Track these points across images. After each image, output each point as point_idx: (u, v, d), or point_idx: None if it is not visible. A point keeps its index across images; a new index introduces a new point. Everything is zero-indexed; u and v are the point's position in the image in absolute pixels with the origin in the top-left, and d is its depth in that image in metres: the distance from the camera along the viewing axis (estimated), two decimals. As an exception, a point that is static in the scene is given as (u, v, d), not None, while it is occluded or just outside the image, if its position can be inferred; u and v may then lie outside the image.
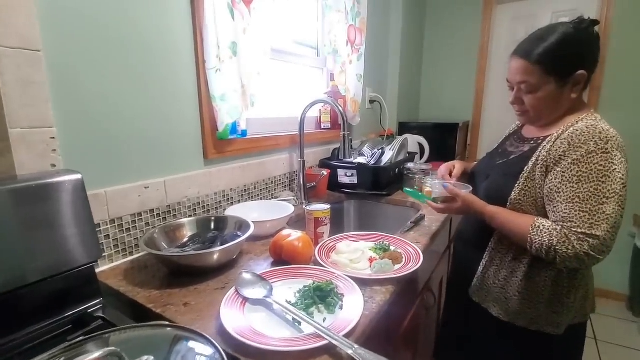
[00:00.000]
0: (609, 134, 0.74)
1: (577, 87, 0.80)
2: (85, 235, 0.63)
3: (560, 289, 0.83)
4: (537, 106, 0.83)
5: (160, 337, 0.45)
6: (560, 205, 0.75)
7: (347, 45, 1.55)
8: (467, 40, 2.57)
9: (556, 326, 0.84)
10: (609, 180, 0.72)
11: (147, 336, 0.45)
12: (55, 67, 0.71)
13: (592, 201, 0.72)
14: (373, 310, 0.66)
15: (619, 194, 0.72)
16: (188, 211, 1.03)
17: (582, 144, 0.74)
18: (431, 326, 1.40)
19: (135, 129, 0.88)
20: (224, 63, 0.99)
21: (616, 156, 0.73)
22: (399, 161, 1.61)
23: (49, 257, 0.59)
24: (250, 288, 0.68)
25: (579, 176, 0.74)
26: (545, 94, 0.81)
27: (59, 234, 0.60)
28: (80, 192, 0.63)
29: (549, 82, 0.79)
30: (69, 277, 0.61)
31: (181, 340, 0.43)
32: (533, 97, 0.82)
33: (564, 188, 0.75)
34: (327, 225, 0.96)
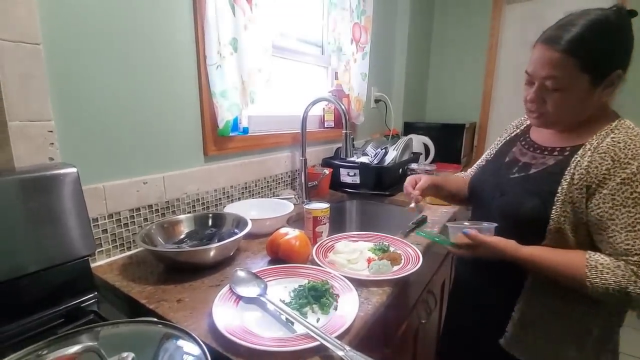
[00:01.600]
0: None
1: (610, 89, 0.67)
2: (79, 229, 0.63)
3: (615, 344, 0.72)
4: (562, 108, 0.69)
5: (147, 333, 0.44)
6: (618, 235, 0.63)
7: (352, 43, 1.54)
8: (475, 40, 2.54)
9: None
10: None
11: (134, 332, 0.45)
12: (54, 60, 0.71)
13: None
14: (368, 312, 0.64)
15: None
16: (187, 207, 1.03)
17: (631, 159, 0.62)
18: (433, 329, 1.38)
19: (134, 124, 0.87)
20: (224, 59, 0.98)
21: None
22: (402, 161, 1.60)
23: (43, 249, 0.59)
24: (244, 286, 0.67)
25: (634, 198, 0.62)
26: (574, 94, 0.67)
27: (52, 226, 0.60)
28: (75, 186, 0.63)
29: (581, 79, 0.65)
30: (63, 270, 0.61)
31: (168, 338, 0.42)
32: (560, 96, 0.68)
33: (619, 214, 0.63)
34: (325, 225, 0.95)
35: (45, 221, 0.60)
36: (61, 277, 0.62)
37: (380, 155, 1.52)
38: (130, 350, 0.39)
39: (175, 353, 0.40)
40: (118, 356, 0.34)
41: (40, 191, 0.60)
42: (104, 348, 0.34)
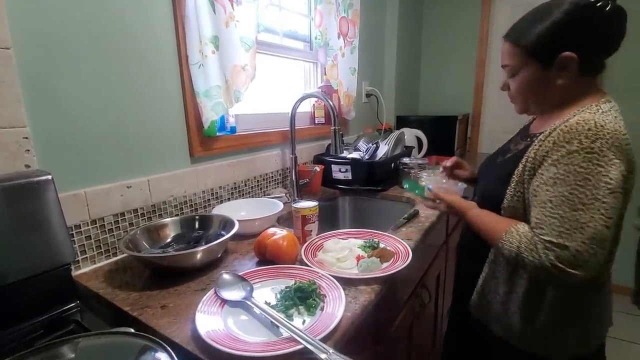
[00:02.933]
0: (603, 131, 0.62)
1: (565, 73, 0.69)
2: (57, 237, 0.62)
3: (565, 313, 0.73)
4: (519, 91, 0.76)
5: (125, 346, 0.43)
6: (535, 209, 0.67)
7: (339, 37, 1.52)
8: (466, 31, 2.52)
9: (560, 352, 0.75)
10: (589, 184, 0.61)
11: (112, 344, 0.44)
12: (27, 65, 0.69)
13: (564, 207, 0.63)
14: (356, 312, 0.63)
15: (601, 201, 0.60)
16: (175, 210, 1.01)
17: (566, 142, 0.64)
18: (429, 322, 1.38)
19: (115, 127, 0.85)
20: (206, 58, 0.96)
21: (605, 157, 0.61)
22: (394, 156, 1.58)
23: (19, 259, 0.57)
24: (229, 289, 0.66)
25: (556, 178, 0.64)
26: (524, 77, 0.73)
27: (28, 235, 0.58)
28: (50, 193, 0.62)
29: (530, 65, 0.72)
30: (41, 280, 0.60)
31: (146, 351, 0.41)
32: (513, 80, 0.76)
33: (540, 191, 0.67)
34: (315, 223, 0.94)
35: (21, 230, 0.58)
36: (40, 287, 0.60)
37: (372, 150, 1.51)
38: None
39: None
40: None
41: (13, 200, 0.58)
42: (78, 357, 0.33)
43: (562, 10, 0.67)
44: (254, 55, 1.08)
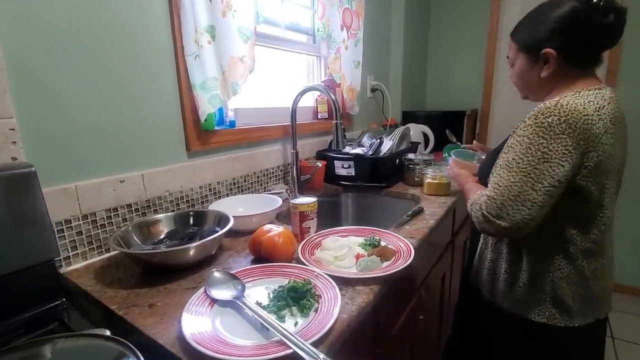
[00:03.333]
0: (560, 109, 0.69)
1: (548, 65, 0.78)
2: (40, 232, 0.59)
3: (535, 277, 0.81)
4: (515, 80, 0.88)
5: (101, 350, 0.40)
6: (492, 173, 0.79)
7: (342, 29, 1.47)
8: (475, 24, 2.45)
9: (539, 314, 0.81)
10: (529, 152, 0.70)
11: (88, 347, 0.41)
12: (14, 54, 0.67)
13: (505, 169, 0.73)
14: (352, 314, 0.60)
15: (534, 167, 0.70)
16: (170, 206, 0.99)
17: (528, 118, 0.73)
18: (433, 324, 1.34)
19: (107, 120, 0.83)
20: (202, 48, 0.93)
21: (552, 131, 0.69)
22: (399, 151, 1.53)
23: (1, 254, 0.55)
24: (219, 288, 0.63)
25: (509, 146, 0.75)
26: (519, 69, 0.85)
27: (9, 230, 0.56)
28: (33, 187, 0.59)
29: (521, 58, 0.84)
30: (24, 276, 0.58)
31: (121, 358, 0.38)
32: (513, 71, 0.88)
33: (498, 160, 0.78)
34: (313, 220, 0.90)
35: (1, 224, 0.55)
36: (23, 284, 0.58)
37: (375, 145, 1.46)
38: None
39: None
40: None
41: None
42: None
43: (556, 13, 0.75)
44: (253, 46, 1.04)
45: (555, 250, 0.78)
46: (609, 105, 0.73)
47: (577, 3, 0.74)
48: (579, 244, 0.77)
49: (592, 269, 0.78)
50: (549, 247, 0.78)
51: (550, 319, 0.80)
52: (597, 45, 0.77)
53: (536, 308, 0.81)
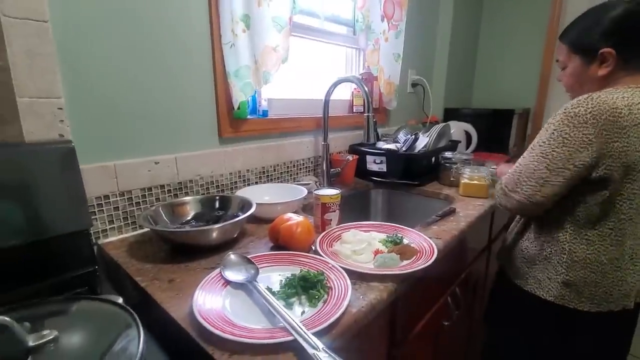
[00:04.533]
0: (590, 102, 0.74)
1: (606, 64, 0.81)
2: (76, 203, 0.64)
3: (553, 255, 0.86)
4: (566, 82, 0.90)
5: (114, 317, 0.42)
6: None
7: (383, 20, 1.43)
8: (533, 16, 2.25)
9: (549, 292, 0.86)
10: (552, 137, 0.78)
11: (101, 312, 0.43)
12: (64, 38, 0.73)
13: (527, 151, 0.84)
14: (362, 309, 0.58)
15: (552, 149, 0.77)
16: (201, 189, 1.02)
17: (560, 110, 0.79)
18: (461, 332, 1.27)
19: (145, 104, 0.88)
20: (237, 37, 0.95)
21: (576, 120, 0.74)
22: (435, 149, 1.46)
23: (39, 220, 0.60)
24: (234, 270, 0.64)
25: (539, 134, 0.82)
26: (571, 70, 0.87)
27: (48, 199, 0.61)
28: (71, 162, 0.64)
29: (575, 60, 0.86)
30: (59, 242, 0.63)
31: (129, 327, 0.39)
32: (563, 74, 0.90)
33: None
34: (335, 212, 0.89)
35: (43, 193, 0.61)
36: (59, 249, 0.64)
37: (410, 141, 1.41)
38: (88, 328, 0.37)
39: (128, 345, 0.37)
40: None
41: (38, 165, 0.61)
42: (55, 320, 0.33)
43: (609, 14, 0.79)
44: (287, 36, 1.04)
45: (573, 233, 0.83)
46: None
47: (630, 5, 0.78)
48: (597, 229, 0.81)
49: (609, 257, 0.81)
50: (567, 230, 0.84)
51: (558, 299, 0.85)
52: None
53: (547, 286, 0.87)
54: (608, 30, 0.79)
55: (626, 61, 0.79)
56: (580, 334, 0.87)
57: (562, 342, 0.88)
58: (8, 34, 0.65)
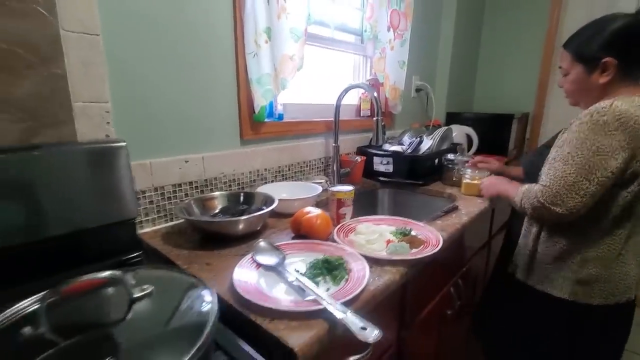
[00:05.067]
0: (614, 109, 0.78)
1: (607, 73, 0.87)
2: (126, 195, 0.73)
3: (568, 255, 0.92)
4: (568, 88, 0.97)
5: (178, 280, 0.50)
6: (544, 168, 0.90)
7: (389, 30, 1.52)
8: (532, 24, 2.35)
9: (562, 290, 0.93)
10: (584, 146, 0.81)
11: (168, 277, 0.51)
12: (111, 49, 0.82)
13: (560, 162, 0.84)
14: (378, 287, 0.66)
15: (587, 159, 0.80)
16: (224, 186, 1.11)
17: (584, 116, 0.82)
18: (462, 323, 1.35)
19: (177, 108, 0.97)
20: (260, 47, 1.04)
21: (606, 128, 0.78)
22: (439, 151, 1.55)
23: (94, 210, 0.69)
24: (264, 255, 0.73)
25: (564, 141, 0.85)
26: (573, 77, 0.93)
27: (103, 191, 0.70)
28: (124, 158, 0.73)
29: (577, 67, 0.92)
30: (112, 228, 0.72)
31: (194, 287, 0.48)
32: (565, 80, 0.97)
33: (552, 152, 0.89)
34: (349, 207, 0.97)
35: (98, 186, 0.70)
36: (111, 236, 0.72)
37: (415, 144, 1.50)
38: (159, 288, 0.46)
39: (191, 298, 0.45)
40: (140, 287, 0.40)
41: (95, 161, 0.70)
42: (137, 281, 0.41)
43: (611, 26, 0.86)
44: (303, 45, 1.14)
45: (588, 234, 0.89)
46: None
47: (631, 19, 0.85)
48: (611, 230, 0.88)
49: (616, 254, 0.88)
50: (584, 231, 0.90)
51: (572, 295, 0.92)
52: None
53: (560, 285, 0.93)
54: (609, 41, 0.86)
55: (625, 71, 0.86)
56: (588, 327, 0.94)
57: (572, 335, 0.95)
58: (66, 46, 0.74)
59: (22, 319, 0.38)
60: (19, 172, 0.63)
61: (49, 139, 0.73)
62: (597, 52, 0.87)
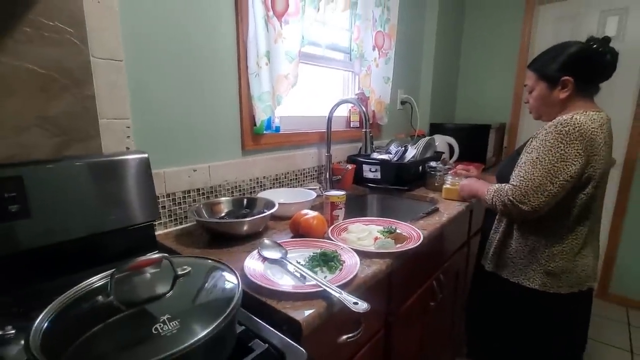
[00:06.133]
0: (574, 122, 0.92)
1: (566, 89, 1.01)
2: (147, 200, 0.84)
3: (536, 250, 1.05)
4: (532, 104, 1.10)
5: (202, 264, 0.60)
6: (514, 169, 1.01)
7: (374, 50, 1.67)
8: (506, 41, 2.55)
9: (533, 281, 1.05)
10: (550, 152, 0.93)
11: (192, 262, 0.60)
12: (131, 73, 0.93)
13: (529, 165, 0.96)
14: (368, 275, 0.78)
15: (552, 164, 0.92)
16: (227, 193, 1.22)
17: (549, 127, 0.95)
18: (445, 315, 1.47)
19: (187, 123, 1.08)
20: (261, 68, 1.17)
21: (568, 138, 0.91)
22: (423, 159, 1.69)
23: (121, 213, 0.80)
24: (269, 250, 0.84)
25: (532, 148, 0.97)
26: (537, 93, 1.07)
27: (129, 196, 0.81)
28: (146, 168, 0.84)
29: (540, 85, 1.05)
30: (135, 230, 0.82)
31: (216, 269, 0.59)
32: (530, 96, 1.10)
33: (522, 157, 1.00)
34: (342, 209, 1.10)
35: (122, 192, 0.81)
36: (133, 236, 0.83)
37: (400, 152, 1.64)
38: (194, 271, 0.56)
39: (219, 278, 0.56)
40: (180, 268, 0.51)
41: (120, 170, 0.81)
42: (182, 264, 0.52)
43: (568, 51, 1.01)
44: (297, 65, 1.27)
45: (554, 232, 1.02)
46: (606, 124, 0.99)
47: (584, 45, 1.01)
48: (573, 228, 1.01)
49: (579, 248, 1.02)
50: (550, 229, 1.02)
51: (541, 286, 1.04)
52: (598, 77, 1.02)
53: (532, 276, 1.05)
54: (566, 62, 1.00)
55: (580, 88, 1.00)
56: (557, 313, 1.06)
57: (542, 321, 1.07)
58: (95, 71, 0.85)
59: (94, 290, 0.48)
60: (53, 181, 0.73)
61: (78, 152, 0.84)
62: (557, 71, 1.01)
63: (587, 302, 1.12)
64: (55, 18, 0.80)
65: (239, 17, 1.14)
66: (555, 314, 1.07)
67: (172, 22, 1.00)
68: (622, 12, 2.18)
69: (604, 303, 2.38)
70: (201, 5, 1.06)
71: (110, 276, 0.46)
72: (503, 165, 1.21)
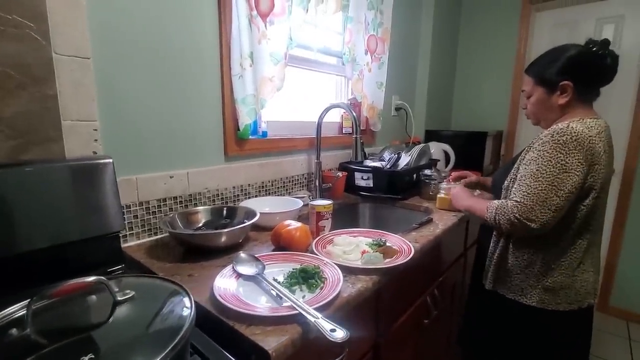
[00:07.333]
0: (571, 131, 0.87)
1: (565, 95, 0.96)
2: (112, 209, 0.76)
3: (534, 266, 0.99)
4: (530, 110, 1.05)
5: (160, 287, 0.54)
6: (515, 185, 0.95)
7: (366, 54, 1.62)
8: (503, 48, 2.51)
9: (531, 298, 0.99)
10: (550, 164, 0.87)
11: (150, 285, 0.54)
12: (101, 72, 0.86)
13: (531, 179, 0.89)
14: (351, 295, 0.71)
15: (556, 177, 0.86)
16: (208, 201, 1.15)
17: (544, 136, 0.90)
18: (441, 332, 1.39)
19: (163, 126, 1.01)
20: (245, 70, 1.10)
21: (566, 148, 0.86)
22: (417, 167, 1.63)
23: (82, 223, 0.72)
24: (244, 265, 0.77)
25: (531, 159, 0.92)
26: (535, 99, 1.02)
27: (91, 205, 0.73)
28: (110, 174, 0.77)
29: (539, 90, 1.01)
30: (97, 242, 0.75)
31: (175, 294, 0.51)
32: (528, 102, 1.05)
33: (520, 170, 0.95)
34: (328, 220, 1.02)
35: (84, 200, 0.73)
36: (96, 249, 0.75)
37: (393, 160, 1.57)
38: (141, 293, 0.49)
39: (170, 303, 0.49)
40: (122, 292, 0.44)
41: (81, 176, 0.74)
42: (120, 287, 0.44)
43: (562, 51, 0.97)
44: (283, 68, 1.20)
45: (552, 245, 0.96)
46: (604, 131, 0.93)
47: (583, 48, 0.96)
48: (572, 241, 0.95)
49: (578, 262, 0.96)
50: (548, 242, 0.96)
51: (539, 303, 0.98)
52: (598, 81, 0.97)
53: (529, 293, 0.99)
54: (565, 66, 0.95)
55: (580, 93, 0.95)
56: (556, 331, 0.99)
57: (541, 339, 1.00)
58: (57, 68, 0.78)
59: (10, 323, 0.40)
60: (6, 187, 0.66)
61: (38, 156, 0.77)
62: (556, 75, 0.96)
63: (587, 320, 1.04)
64: (14, 11, 0.73)
65: (222, 15, 1.08)
66: (553, 332, 1.00)
67: (146, 17, 0.93)
68: (618, 20, 2.14)
69: (604, 316, 2.30)
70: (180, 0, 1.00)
71: (28, 305, 0.38)
72: (498, 174, 1.15)
